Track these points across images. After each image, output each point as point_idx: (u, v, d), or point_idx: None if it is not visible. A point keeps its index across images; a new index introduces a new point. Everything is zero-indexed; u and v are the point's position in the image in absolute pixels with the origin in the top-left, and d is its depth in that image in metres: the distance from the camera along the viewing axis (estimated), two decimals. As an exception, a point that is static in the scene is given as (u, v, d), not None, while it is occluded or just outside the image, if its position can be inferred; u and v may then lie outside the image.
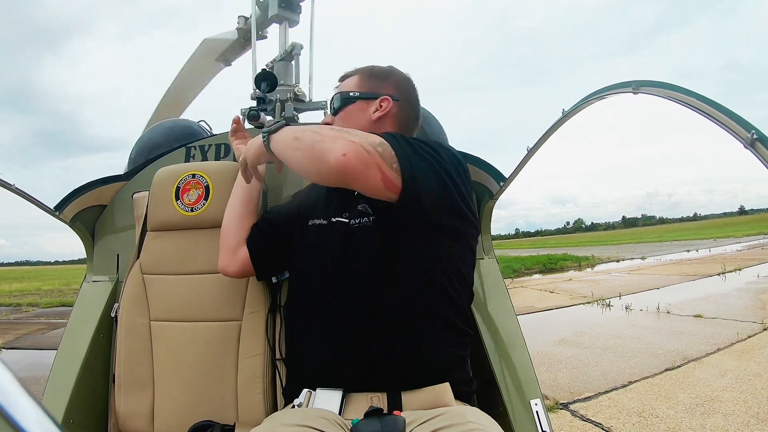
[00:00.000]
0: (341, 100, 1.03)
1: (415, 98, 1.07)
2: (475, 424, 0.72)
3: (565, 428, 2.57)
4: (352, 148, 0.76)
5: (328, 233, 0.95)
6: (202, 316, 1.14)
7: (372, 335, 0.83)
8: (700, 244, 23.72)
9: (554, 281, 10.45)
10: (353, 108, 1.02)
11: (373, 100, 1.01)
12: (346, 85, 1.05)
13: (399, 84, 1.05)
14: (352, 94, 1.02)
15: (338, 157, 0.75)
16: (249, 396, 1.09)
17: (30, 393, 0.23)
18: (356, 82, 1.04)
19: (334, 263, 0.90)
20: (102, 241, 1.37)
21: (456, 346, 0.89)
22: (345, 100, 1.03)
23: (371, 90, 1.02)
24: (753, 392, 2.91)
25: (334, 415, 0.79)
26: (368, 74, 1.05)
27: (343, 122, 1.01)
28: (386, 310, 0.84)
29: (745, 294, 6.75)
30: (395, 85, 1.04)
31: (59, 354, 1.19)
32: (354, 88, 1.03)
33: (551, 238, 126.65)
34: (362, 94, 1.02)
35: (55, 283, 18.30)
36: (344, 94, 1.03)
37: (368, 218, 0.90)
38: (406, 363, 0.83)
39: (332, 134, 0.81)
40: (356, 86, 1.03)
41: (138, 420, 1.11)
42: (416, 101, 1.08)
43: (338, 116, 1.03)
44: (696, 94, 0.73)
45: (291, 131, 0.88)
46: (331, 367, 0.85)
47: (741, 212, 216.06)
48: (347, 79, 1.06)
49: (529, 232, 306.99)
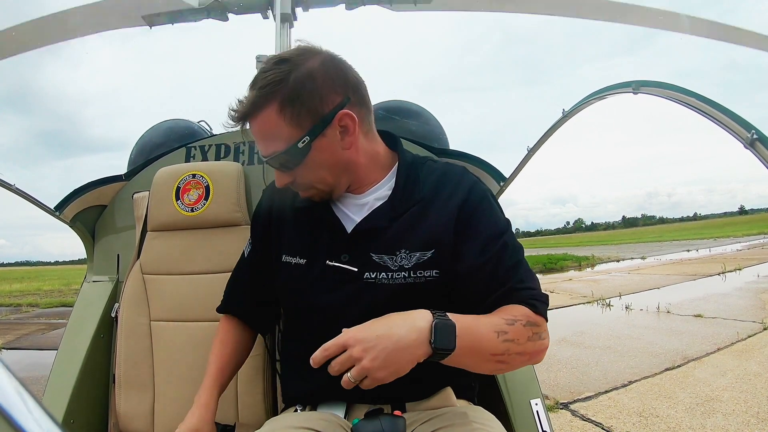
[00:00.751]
0: (292, 156, 0.74)
1: (355, 78, 0.78)
2: (477, 422, 0.71)
3: (565, 428, 2.57)
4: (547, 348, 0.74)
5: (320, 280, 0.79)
6: (202, 316, 1.14)
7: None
8: (700, 243, 23.71)
9: (554, 281, 10.43)
10: (313, 156, 0.75)
11: (327, 128, 0.74)
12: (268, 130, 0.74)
13: (335, 79, 0.75)
14: (302, 143, 0.73)
15: (539, 362, 0.75)
16: (249, 396, 1.09)
17: (30, 393, 0.23)
18: (281, 118, 0.72)
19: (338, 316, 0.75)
20: (102, 241, 1.37)
21: None
22: (297, 154, 0.74)
23: (315, 116, 0.73)
24: (753, 392, 2.91)
25: (338, 417, 0.77)
26: (291, 97, 0.71)
27: (310, 175, 0.77)
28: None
29: (745, 294, 6.75)
30: (332, 86, 0.74)
31: (59, 354, 1.19)
32: (290, 131, 0.72)
33: (551, 237, 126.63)
34: (312, 130, 0.73)
35: (56, 283, 18.30)
36: (291, 149, 0.73)
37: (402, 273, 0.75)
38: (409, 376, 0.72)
39: (533, 348, 0.71)
40: (288, 124, 0.72)
41: (138, 420, 1.11)
42: (358, 81, 0.79)
43: (299, 171, 0.77)
44: (696, 94, 0.73)
45: (482, 350, 0.67)
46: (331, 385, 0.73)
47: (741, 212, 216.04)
48: (259, 118, 0.73)
49: (529, 232, 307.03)
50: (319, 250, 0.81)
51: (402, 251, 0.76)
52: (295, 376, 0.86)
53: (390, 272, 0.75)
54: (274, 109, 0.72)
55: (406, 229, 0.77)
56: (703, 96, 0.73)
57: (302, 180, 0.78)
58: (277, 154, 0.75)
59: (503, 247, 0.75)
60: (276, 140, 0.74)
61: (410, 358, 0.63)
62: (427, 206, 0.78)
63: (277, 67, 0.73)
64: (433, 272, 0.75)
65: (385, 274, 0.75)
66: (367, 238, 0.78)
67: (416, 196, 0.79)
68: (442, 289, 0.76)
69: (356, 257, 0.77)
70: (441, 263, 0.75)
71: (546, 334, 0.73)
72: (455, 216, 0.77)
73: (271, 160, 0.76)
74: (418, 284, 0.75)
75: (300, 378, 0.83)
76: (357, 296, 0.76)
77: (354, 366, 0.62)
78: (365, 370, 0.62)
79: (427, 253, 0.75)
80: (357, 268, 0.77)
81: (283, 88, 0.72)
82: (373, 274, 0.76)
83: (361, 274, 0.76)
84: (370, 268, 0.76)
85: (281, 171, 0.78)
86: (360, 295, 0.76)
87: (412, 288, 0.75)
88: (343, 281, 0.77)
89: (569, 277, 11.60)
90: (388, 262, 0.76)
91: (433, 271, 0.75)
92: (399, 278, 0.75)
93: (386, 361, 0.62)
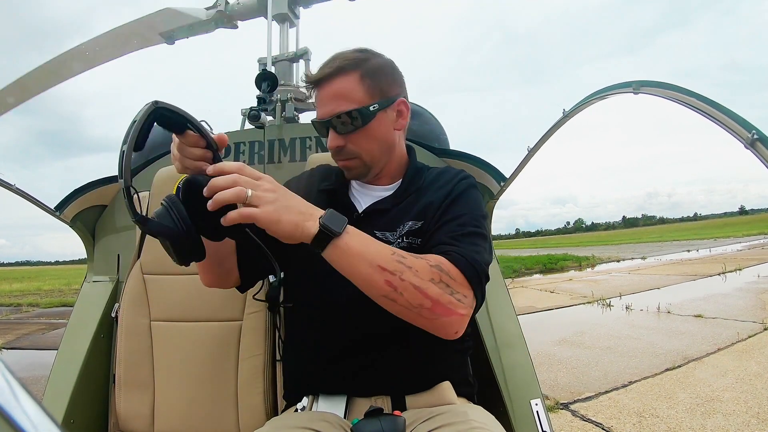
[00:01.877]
0: (360, 117, 0.82)
1: (404, 83, 0.92)
2: (477, 422, 0.71)
3: (565, 428, 2.57)
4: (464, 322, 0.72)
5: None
6: (202, 316, 1.14)
7: (373, 340, 0.82)
8: (700, 244, 23.71)
9: (554, 281, 10.44)
10: (374, 125, 0.84)
11: (390, 106, 0.86)
12: (347, 90, 0.82)
13: (398, 75, 0.90)
14: (372, 108, 0.82)
15: (451, 334, 0.72)
16: (249, 396, 1.09)
17: (30, 393, 0.23)
18: (360, 85, 0.83)
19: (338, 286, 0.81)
20: (102, 241, 1.37)
21: (456, 345, 0.89)
22: (365, 116, 0.82)
23: (384, 93, 0.85)
24: (753, 392, 2.91)
25: (338, 418, 0.78)
26: (371, 72, 0.84)
27: (363, 144, 0.85)
28: (387, 314, 0.83)
29: (746, 294, 6.74)
30: (397, 79, 0.89)
31: (59, 354, 1.19)
32: (364, 96, 0.83)
33: (551, 238, 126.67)
34: (380, 102, 0.84)
35: (56, 283, 18.31)
36: (363, 109, 0.82)
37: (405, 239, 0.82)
38: (409, 366, 0.82)
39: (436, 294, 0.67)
40: (365, 91, 0.83)
41: (138, 420, 1.11)
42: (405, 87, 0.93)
43: (355, 137, 0.84)
44: (696, 94, 0.73)
45: (369, 254, 0.66)
46: (333, 374, 0.83)
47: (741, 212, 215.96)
48: (341, 79, 0.82)
49: (530, 232, 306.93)
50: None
51: (400, 227, 0.84)
52: (296, 369, 0.90)
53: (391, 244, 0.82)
54: (357, 75, 0.83)
55: (404, 209, 0.86)
56: (704, 96, 0.73)
57: (353, 146, 0.85)
58: (347, 112, 0.82)
59: (464, 224, 0.79)
60: (349, 101, 0.82)
61: (295, 218, 0.64)
62: (423, 193, 0.88)
63: (359, 53, 0.85)
64: (418, 240, 0.82)
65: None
66: (373, 219, 0.86)
67: (416, 187, 0.90)
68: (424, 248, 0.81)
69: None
70: (424, 235, 0.82)
71: (467, 302, 0.70)
72: (443, 199, 0.84)
73: (337, 118, 0.82)
74: (406, 249, 0.79)
75: (302, 369, 0.88)
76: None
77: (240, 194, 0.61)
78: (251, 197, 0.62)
79: (418, 223, 0.83)
80: None
81: (366, 64, 0.84)
82: None
83: None
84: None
85: (339, 132, 0.84)
86: None
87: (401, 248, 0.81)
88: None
89: (569, 277, 11.59)
90: (389, 237, 0.83)
91: (419, 239, 0.82)
92: (395, 245, 0.81)
93: (275, 204, 0.63)
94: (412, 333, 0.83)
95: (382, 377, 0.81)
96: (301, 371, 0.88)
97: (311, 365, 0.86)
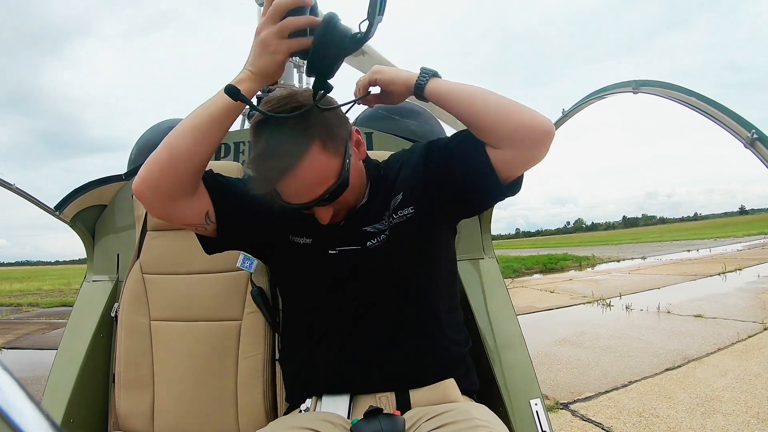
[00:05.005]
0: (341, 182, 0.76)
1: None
2: (480, 420, 0.71)
3: (565, 428, 2.57)
4: (550, 140, 0.76)
5: (327, 261, 0.84)
6: (202, 315, 1.14)
7: (375, 336, 0.83)
8: (700, 244, 23.69)
9: (554, 281, 10.43)
10: (351, 174, 0.79)
11: (350, 143, 0.82)
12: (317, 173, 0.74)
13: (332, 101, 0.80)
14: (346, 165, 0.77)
15: (550, 124, 0.76)
16: (248, 395, 1.09)
17: (29, 393, 0.23)
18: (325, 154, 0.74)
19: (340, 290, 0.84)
20: (102, 241, 1.37)
21: (456, 342, 0.89)
22: (344, 178, 0.77)
23: (343, 141, 0.79)
24: (753, 392, 2.91)
25: (342, 418, 0.78)
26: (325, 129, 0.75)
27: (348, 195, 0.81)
28: (389, 311, 0.84)
29: (746, 294, 6.74)
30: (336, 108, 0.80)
31: (59, 354, 1.19)
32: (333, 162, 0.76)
33: (551, 238, 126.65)
34: (346, 153, 0.78)
35: (56, 283, 18.30)
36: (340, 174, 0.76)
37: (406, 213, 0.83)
38: (411, 360, 0.82)
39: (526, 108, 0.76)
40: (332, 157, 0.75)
41: (138, 419, 1.11)
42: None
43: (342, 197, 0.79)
44: (696, 94, 0.73)
45: (459, 85, 0.79)
46: (336, 373, 0.83)
47: (741, 212, 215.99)
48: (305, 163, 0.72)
49: (530, 232, 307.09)
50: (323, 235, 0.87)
51: (385, 213, 0.85)
52: (297, 371, 0.90)
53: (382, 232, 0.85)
54: (317, 147, 0.73)
55: (383, 198, 0.87)
56: (703, 96, 0.73)
57: (342, 203, 0.82)
58: (330, 189, 0.76)
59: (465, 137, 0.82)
60: (325, 179, 0.75)
61: (405, 75, 0.82)
62: (391, 178, 0.89)
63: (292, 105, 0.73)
64: (409, 209, 0.83)
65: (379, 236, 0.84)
66: (358, 219, 0.86)
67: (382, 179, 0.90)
68: (422, 223, 0.83)
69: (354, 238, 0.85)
70: (412, 201, 0.84)
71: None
72: (423, 162, 0.86)
73: (323, 199, 0.76)
74: (399, 224, 0.83)
75: (303, 370, 0.87)
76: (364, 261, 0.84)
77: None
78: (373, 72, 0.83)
79: (398, 197, 0.85)
80: (359, 246, 0.84)
81: (314, 123, 0.73)
82: (373, 240, 0.84)
83: (364, 243, 0.84)
84: (370, 236, 0.85)
85: (327, 205, 0.78)
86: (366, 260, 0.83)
87: (396, 229, 0.83)
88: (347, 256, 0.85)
89: (570, 277, 11.59)
90: (379, 227, 0.85)
91: (409, 208, 0.83)
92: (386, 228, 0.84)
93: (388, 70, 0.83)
94: (413, 328, 0.84)
95: (385, 373, 0.82)
96: (302, 373, 0.88)
97: (312, 366, 0.86)
